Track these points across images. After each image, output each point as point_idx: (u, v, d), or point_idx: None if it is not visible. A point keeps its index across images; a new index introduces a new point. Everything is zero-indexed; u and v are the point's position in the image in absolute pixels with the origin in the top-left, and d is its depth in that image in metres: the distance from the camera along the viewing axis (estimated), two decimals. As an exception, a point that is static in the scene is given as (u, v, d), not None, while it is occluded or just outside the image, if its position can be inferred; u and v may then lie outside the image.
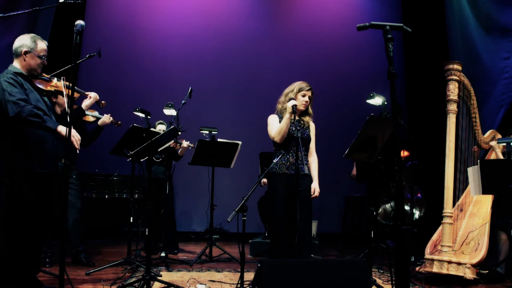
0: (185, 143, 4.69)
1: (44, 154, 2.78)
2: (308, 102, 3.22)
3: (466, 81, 3.78)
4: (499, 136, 3.96)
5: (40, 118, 2.64)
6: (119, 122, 4.04)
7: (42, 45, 2.84)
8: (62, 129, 2.68)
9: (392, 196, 5.17)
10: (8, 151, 2.72)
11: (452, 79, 3.72)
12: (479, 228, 3.60)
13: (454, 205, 3.72)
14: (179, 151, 4.79)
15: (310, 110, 3.29)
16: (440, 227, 3.71)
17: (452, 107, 3.71)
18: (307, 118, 3.28)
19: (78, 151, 2.93)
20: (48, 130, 2.69)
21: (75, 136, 2.69)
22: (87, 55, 3.44)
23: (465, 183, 3.77)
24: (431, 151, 4.83)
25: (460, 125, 3.79)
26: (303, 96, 3.19)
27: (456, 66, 3.71)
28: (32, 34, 2.86)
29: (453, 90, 3.71)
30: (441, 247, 3.60)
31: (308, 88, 3.21)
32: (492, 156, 3.92)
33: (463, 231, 3.68)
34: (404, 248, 1.73)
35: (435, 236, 3.79)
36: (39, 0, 4.64)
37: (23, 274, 2.74)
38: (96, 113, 3.87)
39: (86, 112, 3.45)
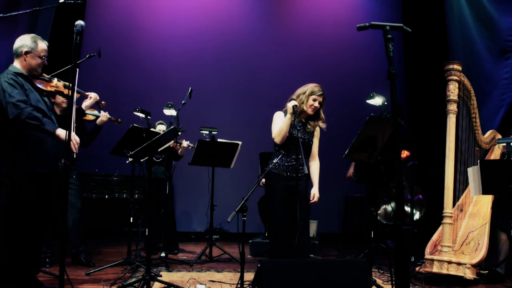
0: (185, 143, 4.68)
1: (44, 154, 2.78)
2: (317, 107, 3.15)
3: (466, 81, 3.77)
4: (499, 136, 3.96)
5: (39, 121, 2.64)
6: (119, 120, 4.03)
7: (42, 45, 2.84)
8: (60, 132, 2.68)
9: (392, 196, 5.17)
10: (8, 151, 2.72)
11: (452, 79, 3.71)
12: (479, 228, 3.59)
13: (454, 205, 3.72)
14: (179, 151, 4.79)
15: (322, 115, 3.23)
16: (440, 227, 3.71)
17: (452, 107, 3.71)
18: (313, 123, 3.22)
19: (75, 155, 2.92)
20: (46, 133, 2.68)
21: (74, 140, 2.68)
22: (87, 55, 3.44)
23: (465, 183, 3.77)
24: (431, 151, 4.83)
25: (460, 125, 3.79)
26: (314, 100, 3.12)
27: (456, 66, 3.71)
28: (33, 34, 2.86)
29: (453, 90, 3.71)
30: (441, 247, 3.60)
31: (320, 93, 3.14)
32: (492, 157, 3.92)
33: (463, 231, 3.67)
34: (404, 248, 1.73)
35: (435, 236, 3.79)
36: (39, 0, 4.64)
37: (23, 274, 2.74)
38: (96, 112, 3.86)
39: (86, 112, 3.45)
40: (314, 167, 3.27)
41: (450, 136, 3.67)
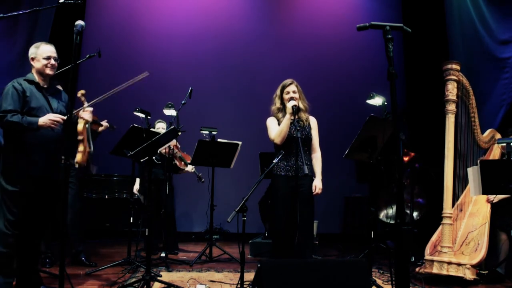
0: (190, 168, 4.78)
1: (42, 157, 2.78)
2: (294, 96, 3.17)
3: (465, 81, 3.77)
4: (499, 135, 3.96)
5: (18, 125, 2.66)
6: (114, 127, 4.08)
7: (44, 47, 2.89)
8: (42, 120, 2.69)
9: (393, 196, 5.17)
10: (7, 154, 2.74)
11: (451, 79, 3.71)
12: (479, 228, 3.59)
13: (454, 204, 3.71)
14: (182, 171, 4.85)
15: (303, 104, 3.24)
16: (440, 228, 3.70)
17: (451, 107, 3.70)
18: (304, 115, 3.23)
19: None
20: (31, 130, 2.69)
21: (55, 118, 2.70)
22: (87, 55, 3.44)
23: (465, 180, 3.75)
24: (431, 151, 4.83)
25: (460, 125, 3.79)
26: (287, 93, 3.19)
27: (454, 66, 3.71)
28: (38, 42, 2.92)
29: (451, 90, 3.70)
30: (440, 247, 3.60)
31: (290, 82, 3.22)
32: (491, 157, 3.92)
33: (463, 232, 3.67)
34: (404, 248, 1.73)
35: (434, 237, 3.79)
36: (39, 0, 4.64)
37: (23, 273, 2.75)
38: (104, 122, 3.96)
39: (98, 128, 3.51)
40: (316, 159, 3.25)
41: (449, 136, 3.67)
